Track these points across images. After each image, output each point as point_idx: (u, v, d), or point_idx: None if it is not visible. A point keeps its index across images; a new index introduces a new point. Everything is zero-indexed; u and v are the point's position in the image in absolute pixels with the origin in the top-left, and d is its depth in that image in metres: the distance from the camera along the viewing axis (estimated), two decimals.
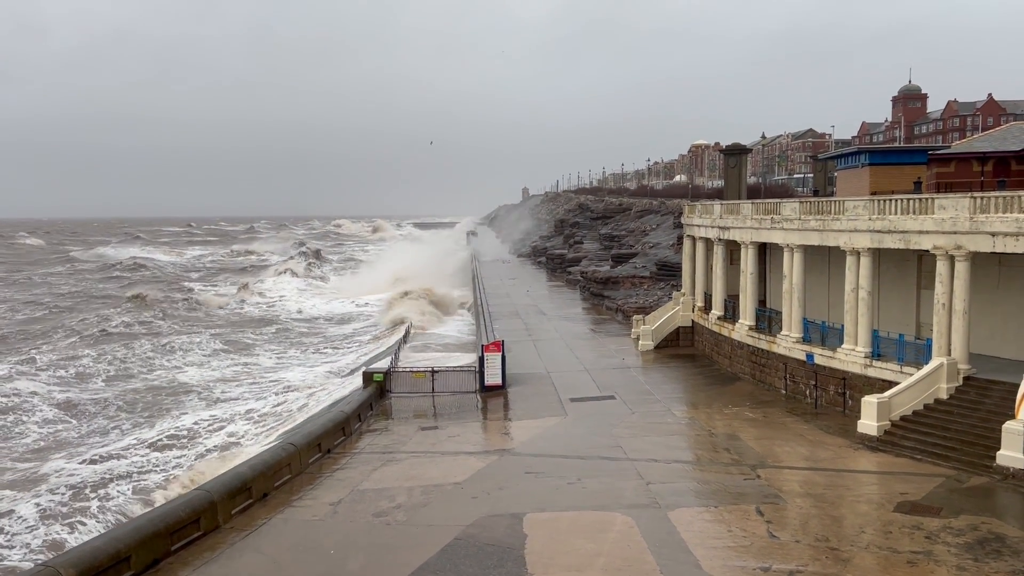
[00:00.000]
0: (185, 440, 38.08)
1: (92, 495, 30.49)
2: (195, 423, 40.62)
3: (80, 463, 34.85)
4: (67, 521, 28.19)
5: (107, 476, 32.72)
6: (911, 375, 28.07)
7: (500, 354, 37.56)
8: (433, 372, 37.37)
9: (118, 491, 30.99)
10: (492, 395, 36.59)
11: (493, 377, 37.26)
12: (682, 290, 50.08)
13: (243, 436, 37.85)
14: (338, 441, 29.23)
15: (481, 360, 37.78)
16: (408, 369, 39.37)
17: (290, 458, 25.45)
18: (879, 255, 31.24)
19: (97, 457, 35.65)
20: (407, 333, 57.99)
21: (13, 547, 26.26)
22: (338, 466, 26.72)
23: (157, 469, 33.98)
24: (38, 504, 29.44)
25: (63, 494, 30.46)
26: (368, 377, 37.00)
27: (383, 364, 42.07)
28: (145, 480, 32.38)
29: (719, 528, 20.16)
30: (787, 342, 35.13)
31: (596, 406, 34.06)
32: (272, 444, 29.54)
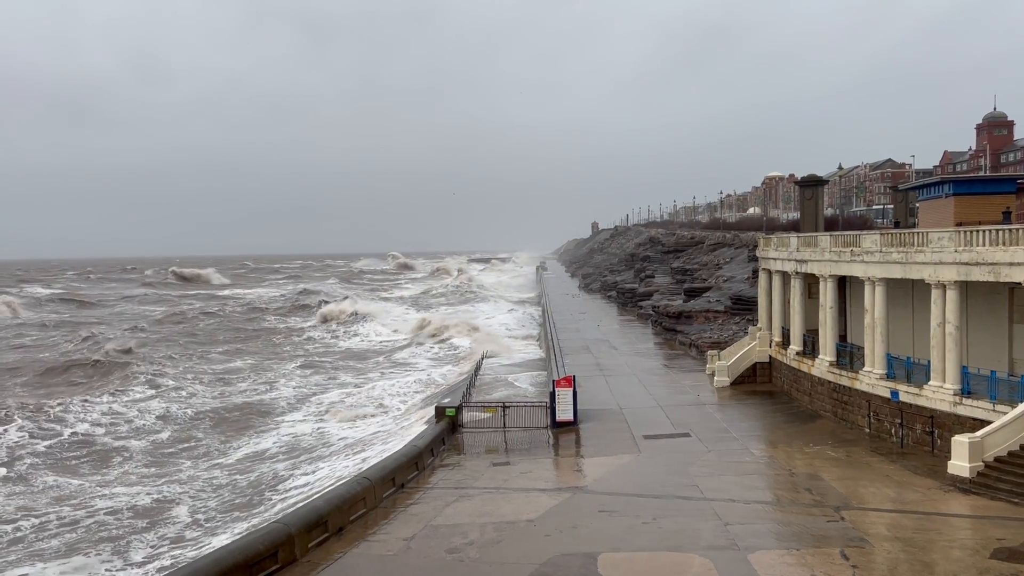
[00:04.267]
0: None
1: None
2: None
3: None
4: None
5: None
6: (1005, 414, 26.72)
7: (571, 389, 37.29)
8: (504, 407, 37.34)
9: None
10: (563, 431, 36.30)
11: (564, 413, 36.97)
12: (758, 324, 49.03)
13: None
14: (411, 476, 29.37)
15: (552, 395, 37.57)
16: (479, 404, 39.44)
17: (365, 492, 25.66)
18: (966, 288, 30.06)
19: None
20: (478, 367, 58.13)
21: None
22: (411, 501, 26.81)
23: None
24: None
25: None
26: (440, 411, 37.20)
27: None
28: None
29: (802, 572, 19.44)
30: (870, 378, 33.95)
31: (670, 443, 33.44)
32: (347, 478, 29.86)
